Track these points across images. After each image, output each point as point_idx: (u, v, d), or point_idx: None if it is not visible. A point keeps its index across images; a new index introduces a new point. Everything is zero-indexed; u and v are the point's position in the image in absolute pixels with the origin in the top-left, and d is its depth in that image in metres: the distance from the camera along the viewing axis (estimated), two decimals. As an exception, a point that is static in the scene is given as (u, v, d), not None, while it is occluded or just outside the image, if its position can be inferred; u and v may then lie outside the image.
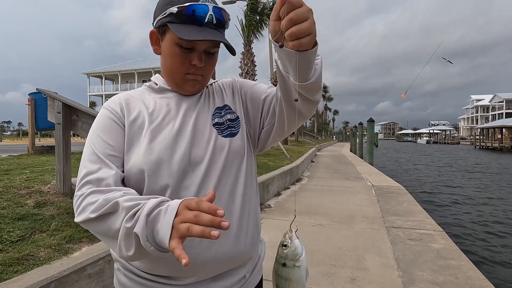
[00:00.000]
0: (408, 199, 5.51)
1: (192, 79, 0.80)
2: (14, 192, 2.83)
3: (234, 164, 0.81)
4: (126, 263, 0.80)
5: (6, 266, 1.71)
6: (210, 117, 0.84)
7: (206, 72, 0.81)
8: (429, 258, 2.92)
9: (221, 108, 0.86)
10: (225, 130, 0.83)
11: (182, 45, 0.76)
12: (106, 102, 0.85)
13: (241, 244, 0.80)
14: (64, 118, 2.93)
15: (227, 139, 0.81)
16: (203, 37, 0.72)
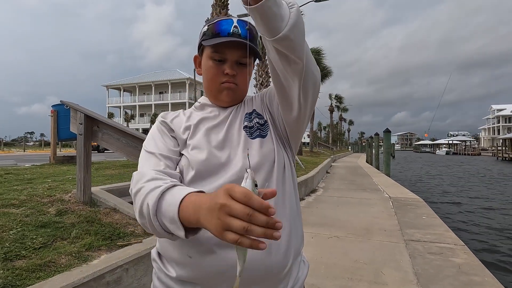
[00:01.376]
0: (427, 211, 5.36)
1: (226, 87, 0.87)
2: (37, 201, 2.93)
3: (265, 165, 0.83)
4: (161, 265, 0.82)
5: (29, 272, 1.76)
6: (241, 122, 0.89)
7: (239, 81, 0.87)
8: (450, 273, 2.82)
9: (250, 113, 0.91)
10: (254, 132, 0.86)
11: (215, 58, 0.86)
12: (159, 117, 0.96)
13: (273, 255, 0.75)
14: (85, 129, 3.04)
15: (257, 139, 0.85)
16: (225, 40, 0.81)
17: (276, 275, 0.77)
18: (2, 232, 2.17)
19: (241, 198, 0.46)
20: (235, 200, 0.46)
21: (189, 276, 0.77)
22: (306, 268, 0.92)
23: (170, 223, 0.60)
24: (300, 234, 0.88)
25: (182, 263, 0.76)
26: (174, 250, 0.79)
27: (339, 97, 48.43)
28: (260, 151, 0.83)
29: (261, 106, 0.93)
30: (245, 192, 0.46)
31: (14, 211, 2.61)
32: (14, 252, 1.95)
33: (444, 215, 8.75)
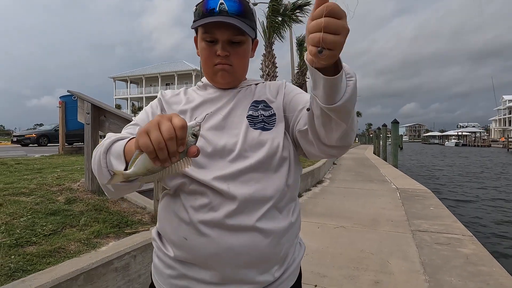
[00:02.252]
0: (435, 202, 5.32)
1: (220, 69, 0.83)
2: (46, 189, 2.98)
3: (265, 158, 0.79)
4: (160, 244, 0.84)
5: (40, 257, 1.80)
6: (246, 109, 0.85)
7: (234, 61, 0.84)
8: (458, 263, 2.80)
9: (259, 102, 0.87)
10: (258, 123, 0.83)
11: (206, 39, 0.83)
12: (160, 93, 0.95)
13: (264, 242, 0.76)
14: (92, 119, 3.06)
15: (258, 131, 0.81)
16: (208, 20, 0.78)
17: (271, 259, 0.79)
18: (13, 220, 2.21)
19: (174, 123, 0.52)
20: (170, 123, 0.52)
21: (185, 257, 0.78)
22: (302, 250, 0.93)
23: (116, 158, 0.65)
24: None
25: (179, 244, 0.78)
26: (172, 231, 0.80)
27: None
28: (260, 143, 0.79)
29: (275, 99, 0.87)
30: (181, 122, 0.52)
31: (24, 199, 2.65)
32: (25, 239, 1.99)
33: (453, 207, 8.68)
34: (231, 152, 0.78)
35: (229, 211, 0.74)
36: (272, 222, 0.77)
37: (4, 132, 45.64)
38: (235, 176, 0.76)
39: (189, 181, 0.78)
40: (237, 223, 0.74)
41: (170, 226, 0.81)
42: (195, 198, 0.77)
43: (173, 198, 0.81)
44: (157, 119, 0.53)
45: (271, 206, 0.77)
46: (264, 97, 0.88)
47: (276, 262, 0.80)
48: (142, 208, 2.85)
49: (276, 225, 0.78)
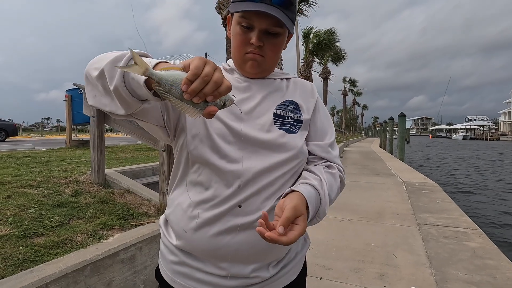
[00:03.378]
0: (442, 196, 5.27)
1: (250, 58, 0.79)
2: (53, 182, 3.01)
3: (284, 160, 0.78)
4: (165, 231, 0.85)
5: (47, 248, 1.82)
6: (274, 105, 0.82)
7: (267, 53, 0.78)
8: (465, 257, 2.78)
9: (289, 102, 0.84)
10: (283, 124, 0.80)
11: (242, 24, 0.77)
12: None
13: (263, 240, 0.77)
14: (98, 112, 3.06)
15: (282, 131, 0.79)
16: (249, 8, 0.72)
17: (269, 255, 0.79)
18: (21, 211, 2.24)
19: (225, 80, 0.54)
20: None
21: (185, 247, 0.79)
22: (307, 246, 0.94)
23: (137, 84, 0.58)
24: None
25: (180, 234, 0.80)
26: (175, 221, 0.81)
27: (353, 81, 47.45)
28: (282, 146, 0.78)
29: (305, 108, 0.85)
30: (229, 83, 0.54)
31: (32, 191, 2.68)
32: (33, 230, 2.01)
33: (461, 201, 8.61)
34: (256, 145, 0.77)
35: (231, 208, 0.74)
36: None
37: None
38: (247, 173, 0.74)
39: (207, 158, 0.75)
40: (237, 222, 0.74)
41: (174, 216, 0.82)
42: (200, 192, 0.76)
43: (181, 189, 0.81)
44: (216, 66, 0.54)
45: (273, 205, 0.77)
46: (296, 99, 0.85)
47: (275, 258, 0.81)
48: (148, 201, 2.87)
49: None
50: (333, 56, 21.88)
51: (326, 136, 0.87)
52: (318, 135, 0.87)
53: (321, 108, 0.90)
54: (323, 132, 0.87)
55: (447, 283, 2.31)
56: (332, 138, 0.89)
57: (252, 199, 0.74)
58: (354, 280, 2.39)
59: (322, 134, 0.87)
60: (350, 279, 2.40)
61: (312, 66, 16.15)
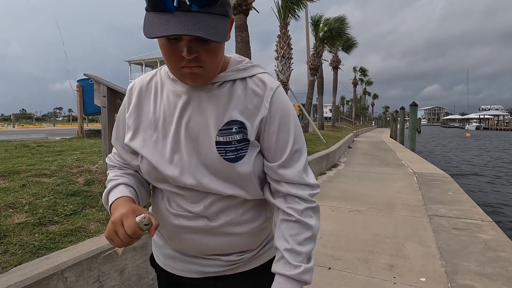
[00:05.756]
0: (454, 187, 5.20)
1: (188, 72, 0.66)
2: (66, 171, 3.06)
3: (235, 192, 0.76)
4: (155, 237, 0.93)
5: (62, 236, 1.87)
6: (215, 131, 0.72)
7: (205, 61, 0.65)
8: (476, 249, 2.75)
9: (234, 123, 0.72)
10: (229, 152, 0.72)
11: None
12: (134, 82, 0.84)
13: (226, 244, 0.82)
14: (109, 102, 3.09)
15: (230, 164, 0.72)
16: (165, 32, 0.57)
17: (246, 248, 0.85)
18: (36, 200, 2.29)
19: (125, 228, 0.64)
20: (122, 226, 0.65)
21: (168, 237, 0.86)
22: None
23: (108, 210, 0.77)
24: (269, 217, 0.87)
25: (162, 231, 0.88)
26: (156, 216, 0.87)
27: (363, 70, 46.67)
28: (233, 177, 0.73)
29: (252, 124, 0.73)
30: (130, 231, 0.64)
31: (46, 180, 2.74)
32: (48, 218, 2.06)
33: (473, 191, 8.48)
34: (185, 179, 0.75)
35: (205, 223, 0.78)
36: (247, 226, 0.80)
37: (26, 115, 47.21)
38: (209, 206, 0.77)
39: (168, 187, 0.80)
40: (214, 230, 0.78)
41: (154, 212, 0.87)
42: (176, 205, 0.79)
43: (158, 196, 0.85)
44: (112, 228, 0.65)
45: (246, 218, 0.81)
46: (240, 115, 0.72)
47: (251, 248, 0.86)
48: (159, 190, 2.90)
49: (252, 226, 0.81)
50: (343, 44, 21.49)
51: (279, 156, 0.74)
52: (270, 154, 0.75)
53: (277, 117, 0.73)
54: (276, 150, 0.74)
55: (458, 275, 2.30)
56: (285, 156, 0.74)
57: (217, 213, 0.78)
58: (363, 271, 2.39)
59: (274, 153, 0.75)
60: (359, 270, 2.41)
61: (322, 55, 15.91)
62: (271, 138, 0.74)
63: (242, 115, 0.72)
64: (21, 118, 42.33)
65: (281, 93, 0.75)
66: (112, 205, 0.74)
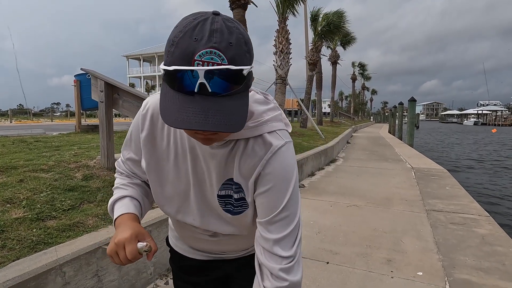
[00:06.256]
0: (451, 182, 5.22)
1: (202, 138, 0.63)
2: (64, 166, 3.05)
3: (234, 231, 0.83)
4: (171, 223, 0.99)
5: (60, 231, 1.87)
6: (219, 185, 0.74)
7: (219, 133, 0.62)
8: (473, 243, 2.76)
9: (233, 183, 0.74)
10: (228, 204, 0.76)
11: None
12: (147, 104, 0.77)
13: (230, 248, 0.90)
14: (106, 97, 3.07)
15: (227, 214, 0.78)
16: (183, 125, 0.54)
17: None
18: (34, 195, 2.29)
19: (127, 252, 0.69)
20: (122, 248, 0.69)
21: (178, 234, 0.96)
22: None
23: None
24: None
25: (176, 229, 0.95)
26: None
27: (362, 65, 46.55)
28: (231, 220, 0.78)
29: (247, 186, 0.72)
30: (131, 256, 0.69)
31: (43, 175, 2.73)
32: (45, 213, 2.06)
33: (471, 186, 8.52)
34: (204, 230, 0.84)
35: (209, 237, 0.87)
36: (249, 237, 0.82)
37: (23, 110, 46.98)
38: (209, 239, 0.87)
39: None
40: (218, 242, 0.87)
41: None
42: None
43: None
44: (114, 249, 0.69)
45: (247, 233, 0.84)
46: (238, 173, 0.72)
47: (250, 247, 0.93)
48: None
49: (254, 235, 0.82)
50: (342, 39, 21.38)
51: (264, 215, 0.71)
52: (258, 210, 0.73)
53: (269, 182, 0.70)
54: (262, 209, 0.71)
55: (455, 269, 2.31)
56: (269, 217, 0.70)
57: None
58: (361, 265, 2.40)
59: (261, 211, 0.72)
60: (357, 264, 2.42)
61: (320, 50, 15.85)
62: (260, 197, 0.71)
63: (239, 176, 0.72)
64: (19, 114, 42.10)
65: (283, 152, 0.70)
66: (117, 220, 0.77)
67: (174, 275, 1.02)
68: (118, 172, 0.89)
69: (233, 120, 0.56)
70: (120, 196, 0.81)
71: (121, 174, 0.88)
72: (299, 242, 0.71)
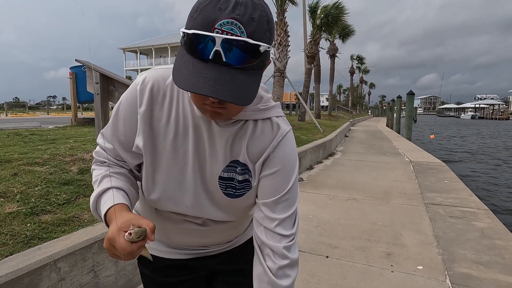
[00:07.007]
0: (450, 175, 5.22)
1: (210, 110, 0.64)
2: (60, 159, 3.00)
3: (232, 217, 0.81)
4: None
5: (55, 226, 1.83)
6: (222, 166, 0.73)
7: (228, 105, 0.63)
8: (473, 237, 2.76)
9: (238, 164, 0.73)
10: (229, 187, 0.75)
11: None
12: (145, 78, 0.72)
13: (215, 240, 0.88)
14: (102, 89, 3.01)
15: (225, 197, 0.76)
16: (194, 89, 0.55)
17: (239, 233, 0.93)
18: (28, 189, 2.24)
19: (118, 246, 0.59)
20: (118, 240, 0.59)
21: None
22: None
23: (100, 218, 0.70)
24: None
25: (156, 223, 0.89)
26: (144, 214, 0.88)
27: (360, 58, 46.37)
28: (227, 205, 0.77)
29: (255, 168, 0.74)
30: (122, 249, 0.59)
31: (38, 169, 2.68)
32: (40, 208, 2.02)
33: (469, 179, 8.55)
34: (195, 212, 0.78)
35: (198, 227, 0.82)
36: (238, 227, 0.89)
37: (19, 104, 46.53)
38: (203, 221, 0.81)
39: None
40: (206, 232, 0.83)
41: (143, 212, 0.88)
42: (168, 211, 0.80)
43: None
44: (107, 245, 0.60)
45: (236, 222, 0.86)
46: (246, 157, 0.73)
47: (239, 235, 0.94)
48: (154, 179, 2.86)
49: (242, 225, 0.91)
50: (341, 32, 21.22)
51: (268, 196, 0.73)
52: (260, 191, 0.75)
53: (277, 163, 0.73)
54: (266, 191, 0.74)
55: (455, 263, 2.30)
56: (273, 199, 0.73)
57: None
58: (360, 259, 2.39)
59: (263, 192, 0.74)
60: (356, 258, 2.40)
61: (319, 43, 15.73)
62: (267, 179, 0.73)
63: (247, 157, 0.73)
64: (14, 107, 41.74)
65: (290, 138, 0.75)
66: (107, 217, 0.67)
67: (147, 280, 0.91)
68: (97, 162, 0.77)
69: (242, 93, 0.57)
70: (103, 189, 0.70)
71: (101, 164, 0.76)
72: (298, 222, 0.76)
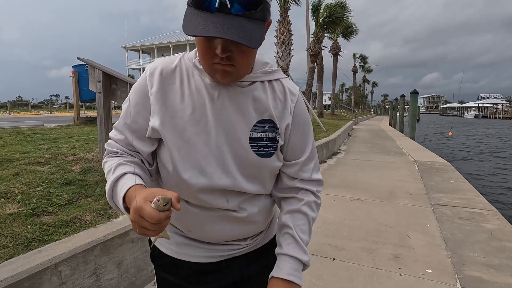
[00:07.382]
0: (455, 175, 5.15)
1: (219, 69, 0.67)
2: (62, 159, 2.97)
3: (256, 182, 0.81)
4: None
5: (56, 227, 1.79)
6: (250, 127, 0.75)
7: (237, 61, 0.66)
8: (481, 238, 2.70)
9: (267, 121, 0.77)
10: (261, 147, 0.77)
11: None
12: (154, 65, 0.77)
13: (247, 230, 0.86)
14: (104, 87, 2.97)
15: (258, 157, 0.77)
16: (205, 33, 0.59)
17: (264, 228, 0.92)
18: (29, 189, 2.21)
19: (146, 215, 0.58)
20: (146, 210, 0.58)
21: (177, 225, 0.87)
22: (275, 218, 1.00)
23: (117, 207, 0.70)
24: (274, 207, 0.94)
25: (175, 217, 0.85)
26: None
27: (363, 57, 46.18)
28: (258, 168, 0.78)
29: (281, 124, 0.79)
30: (150, 217, 0.57)
31: (40, 168, 2.65)
32: (41, 208, 1.98)
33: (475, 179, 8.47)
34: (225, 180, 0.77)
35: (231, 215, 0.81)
36: (264, 214, 0.87)
37: (22, 102, 46.70)
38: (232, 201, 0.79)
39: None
40: (240, 220, 0.81)
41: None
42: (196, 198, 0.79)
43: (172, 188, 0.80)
44: (134, 217, 0.59)
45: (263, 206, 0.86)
46: (272, 114, 0.77)
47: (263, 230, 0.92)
48: (157, 179, 2.82)
49: (267, 213, 0.88)
50: (343, 30, 21.11)
51: (299, 155, 0.83)
52: (291, 153, 0.83)
53: (300, 124, 0.82)
54: (297, 151, 0.83)
55: (465, 266, 2.25)
56: (305, 156, 0.83)
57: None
58: (368, 262, 2.34)
59: (295, 153, 0.83)
60: (363, 260, 2.35)
61: (322, 42, 15.65)
62: (294, 141, 0.81)
63: (272, 116, 0.77)
64: (17, 105, 41.88)
65: (302, 100, 0.84)
66: (125, 198, 0.66)
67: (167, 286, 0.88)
68: (109, 154, 0.78)
69: (251, 36, 0.61)
70: (119, 174, 0.70)
71: (113, 154, 0.77)
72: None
